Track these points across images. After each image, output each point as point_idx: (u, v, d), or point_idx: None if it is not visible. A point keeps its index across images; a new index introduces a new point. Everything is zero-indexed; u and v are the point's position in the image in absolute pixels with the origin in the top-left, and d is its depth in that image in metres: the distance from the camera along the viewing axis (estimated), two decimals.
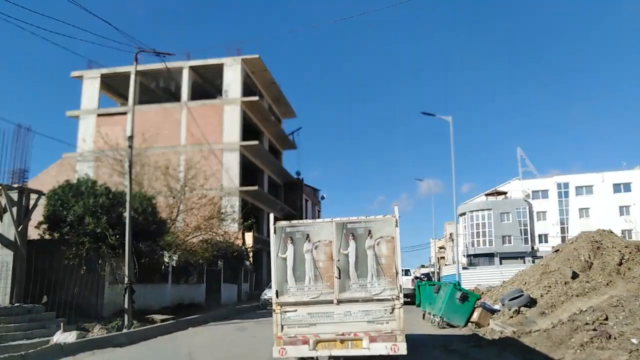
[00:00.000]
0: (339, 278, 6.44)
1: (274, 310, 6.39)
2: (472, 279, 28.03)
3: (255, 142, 35.60)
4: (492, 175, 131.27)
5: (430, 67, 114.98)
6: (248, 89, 38.37)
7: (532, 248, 57.56)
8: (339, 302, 6.37)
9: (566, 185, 59.75)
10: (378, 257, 6.42)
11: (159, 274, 16.20)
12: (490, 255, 56.96)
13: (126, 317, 11.34)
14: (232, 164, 33.73)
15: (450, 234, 64.91)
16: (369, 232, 6.51)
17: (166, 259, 16.64)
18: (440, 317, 11.70)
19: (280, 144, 46.16)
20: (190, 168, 22.00)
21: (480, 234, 59.17)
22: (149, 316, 12.67)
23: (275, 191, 43.01)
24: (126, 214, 13.09)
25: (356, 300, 6.35)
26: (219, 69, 37.18)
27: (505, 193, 62.85)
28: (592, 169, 60.81)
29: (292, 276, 6.49)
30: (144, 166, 20.12)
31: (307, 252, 6.54)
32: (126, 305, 11.52)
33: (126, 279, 11.68)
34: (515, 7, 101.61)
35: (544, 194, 60.66)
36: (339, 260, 6.48)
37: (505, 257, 54.97)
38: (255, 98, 36.54)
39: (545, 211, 59.85)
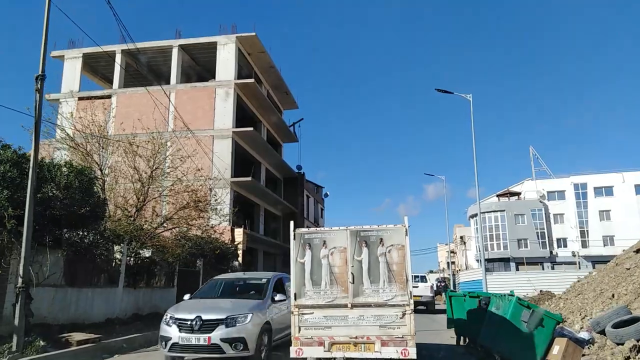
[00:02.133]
0: (353, 283, 6.60)
1: (292, 312, 6.64)
2: (496, 287, 24.13)
3: (250, 129, 32.03)
4: (499, 179, 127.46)
5: (443, 66, 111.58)
6: (244, 72, 34.92)
7: (551, 253, 53.50)
8: (353, 306, 6.52)
9: (584, 185, 55.84)
10: (389, 264, 6.59)
11: (105, 275, 12.31)
12: (505, 260, 52.90)
13: (15, 337, 7.31)
14: (223, 152, 30.14)
15: (461, 237, 60.88)
16: (381, 240, 6.69)
17: (117, 255, 12.78)
18: (496, 350, 7.48)
19: (280, 135, 42.47)
20: (163, 145, 18.44)
21: (494, 237, 55.10)
22: (67, 335, 8.80)
23: (273, 186, 39.38)
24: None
25: (369, 305, 6.50)
26: (212, 49, 33.81)
27: (518, 194, 58.94)
28: (609, 169, 56.98)
29: (310, 280, 6.73)
30: (102, 140, 16.68)
31: (323, 258, 6.77)
32: (16, 321, 7.38)
33: (19, 280, 7.75)
34: (528, 8, 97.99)
35: (560, 194, 56.82)
36: (353, 266, 6.66)
37: (521, 262, 50.93)
38: (251, 80, 33.01)
39: (563, 213, 55.94)
